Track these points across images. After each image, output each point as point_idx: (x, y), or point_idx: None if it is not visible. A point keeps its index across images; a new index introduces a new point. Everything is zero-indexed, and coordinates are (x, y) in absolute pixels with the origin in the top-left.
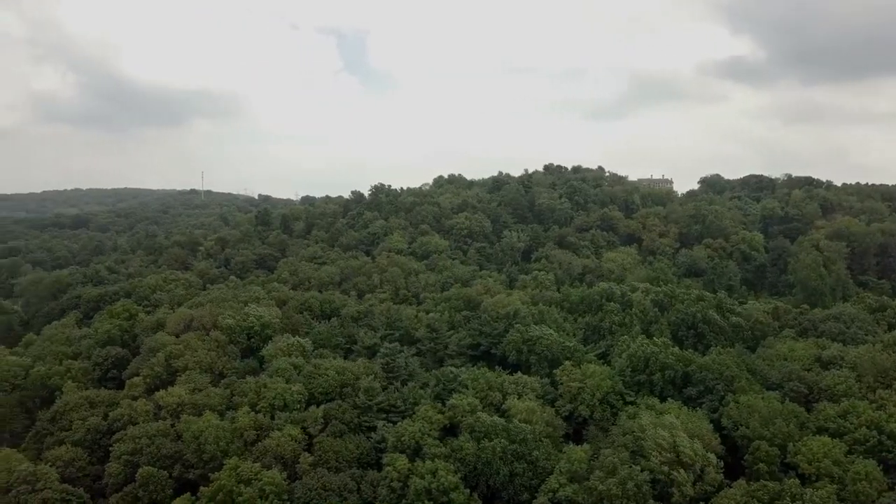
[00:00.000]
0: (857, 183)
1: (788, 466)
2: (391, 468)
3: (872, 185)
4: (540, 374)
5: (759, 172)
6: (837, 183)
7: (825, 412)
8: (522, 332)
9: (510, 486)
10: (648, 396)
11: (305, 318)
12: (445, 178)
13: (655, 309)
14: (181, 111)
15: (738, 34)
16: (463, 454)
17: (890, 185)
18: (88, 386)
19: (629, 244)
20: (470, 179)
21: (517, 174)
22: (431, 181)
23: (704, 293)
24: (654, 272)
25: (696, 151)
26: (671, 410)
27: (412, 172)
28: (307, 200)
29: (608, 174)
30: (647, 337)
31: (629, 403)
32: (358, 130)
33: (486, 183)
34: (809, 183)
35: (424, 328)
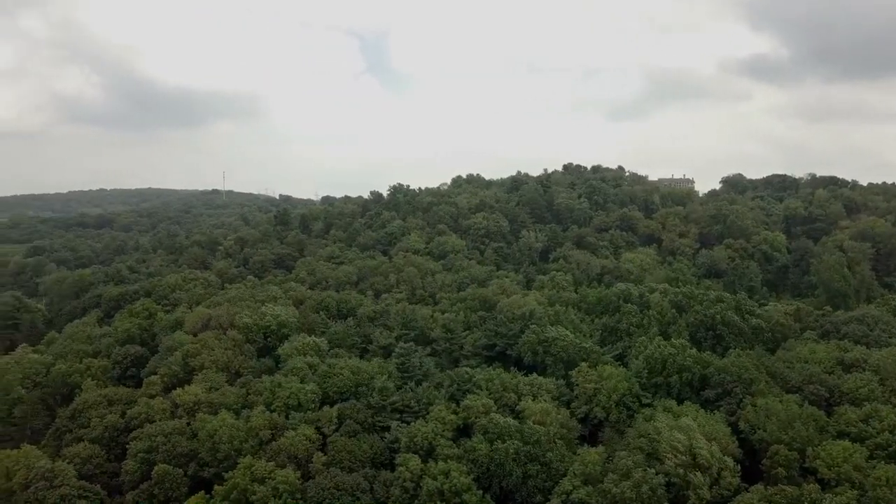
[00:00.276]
0: (883, 182)
1: (807, 471)
2: (404, 468)
3: None
4: (555, 375)
5: (782, 172)
6: (863, 182)
7: (846, 416)
8: (538, 332)
9: (523, 487)
10: (665, 399)
11: (322, 317)
12: (464, 177)
13: (673, 310)
14: (204, 112)
15: (759, 32)
16: (476, 455)
17: None
18: (108, 384)
19: (648, 245)
20: (488, 179)
21: (537, 174)
22: (450, 181)
23: (724, 294)
24: (673, 273)
25: (717, 151)
26: (688, 413)
27: (432, 172)
28: (327, 200)
29: (628, 174)
30: (664, 338)
31: (646, 406)
32: (378, 131)
33: (504, 183)
34: (834, 182)
35: (440, 328)
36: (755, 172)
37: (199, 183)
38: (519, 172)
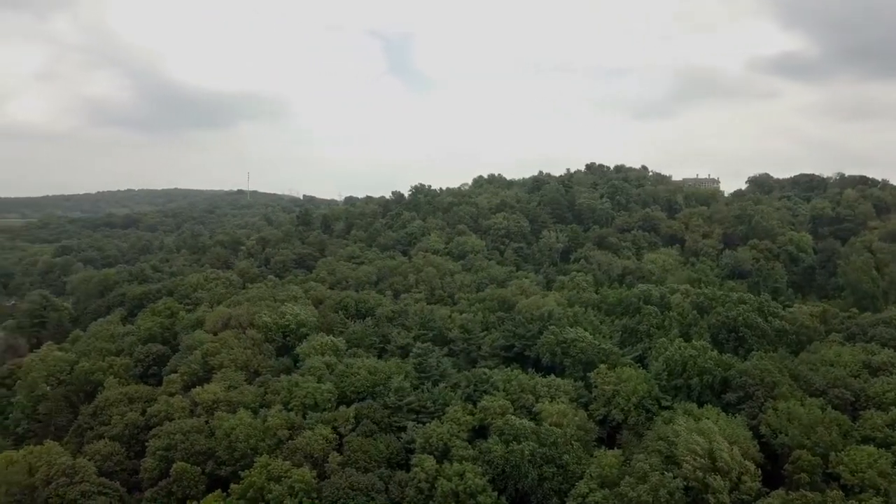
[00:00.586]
0: None
1: (831, 477)
2: (419, 469)
3: None
4: (574, 376)
5: (810, 171)
6: (894, 182)
7: (872, 421)
8: (557, 333)
9: (539, 489)
10: (686, 401)
11: (340, 317)
12: (485, 178)
13: (695, 312)
14: (230, 114)
15: (789, 29)
16: (491, 456)
17: None
18: (130, 382)
19: (671, 245)
20: (510, 179)
21: (560, 174)
22: (471, 181)
23: (747, 296)
24: (695, 274)
25: (744, 150)
26: (709, 416)
27: (455, 172)
28: (350, 201)
29: (651, 173)
30: (685, 340)
31: (665, 408)
32: (401, 131)
33: (525, 183)
34: (863, 182)
35: (458, 329)
36: (783, 172)
37: (224, 183)
38: (541, 172)
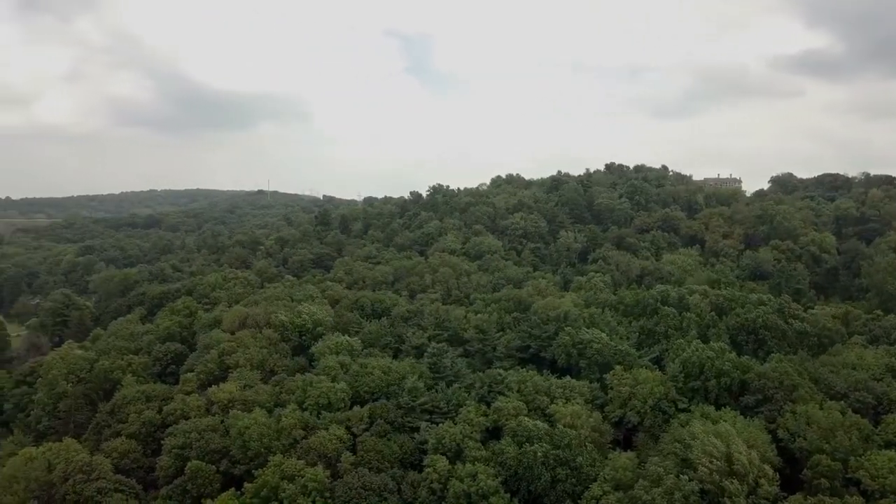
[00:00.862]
0: None
1: (851, 482)
2: (431, 469)
3: None
4: (590, 378)
5: (834, 171)
6: None
7: (894, 425)
8: (573, 335)
9: (552, 492)
10: (703, 404)
11: (356, 316)
12: (503, 178)
13: (713, 313)
14: (251, 115)
15: (813, 27)
16: (504, 458)
17: None
18: (148, 380)
19: (691, 246)
20: (528, 179)
21: (580, 174)
22: (489, 181)
23: (767, 297)
24: (715, 275)
25: (767, 150)
26: (726, 419)
27: (474, 172)
28: (369, 201)
29: (671, 173)
30: (703, 342)
31: (682, 411)
32: (420, 131)
33: (544, 183)
34: (889, 182)
35: (473, 329)
36: (807, 171)
37: (245, 184)
38: (559, 172)
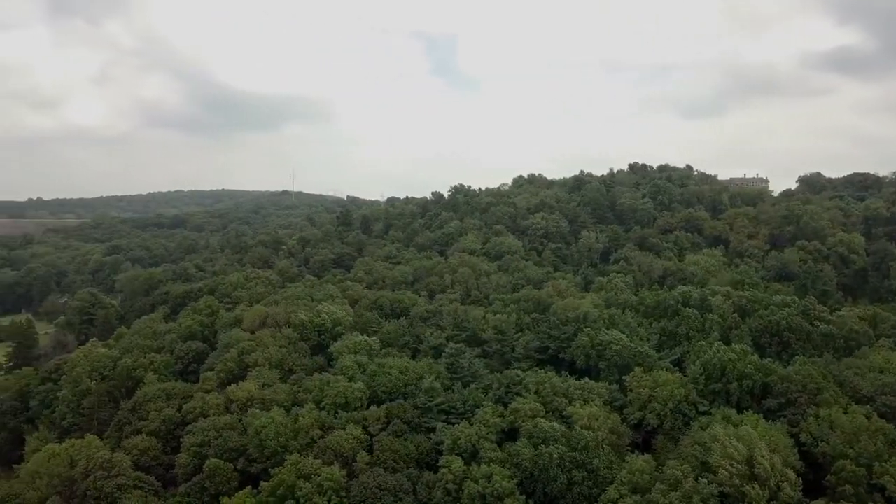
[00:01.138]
0: None
1: (875, 487)
2: (446, 470)
3: None
4: (609, 379)
5: (865, 170)
6: None
7: None
8: (592, 336)
9: (568, 494)
10: (724, 407)
11: (375, 316)
12: (525, 177)
13: (735, 314)
14: (276, 116)
15: (845, 24)
16: (520, 459)
17: None
18: (170, 378)
19: (715, 246)
20: (550, 179)
21: (603, 174)
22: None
23: (791, 298)
24: (738, 276)
25: (796, 149)
26: (747, 422)
27: (495, 173)
28: (392, 201)
29: (696, 173)
30: (725, 344)
31: (703, 413)
32: (444, 132)
33: (566, 183)
34: None
35: (492, 329)
36: (837, 171)
37: (270, 184)
38: (582, 172)
